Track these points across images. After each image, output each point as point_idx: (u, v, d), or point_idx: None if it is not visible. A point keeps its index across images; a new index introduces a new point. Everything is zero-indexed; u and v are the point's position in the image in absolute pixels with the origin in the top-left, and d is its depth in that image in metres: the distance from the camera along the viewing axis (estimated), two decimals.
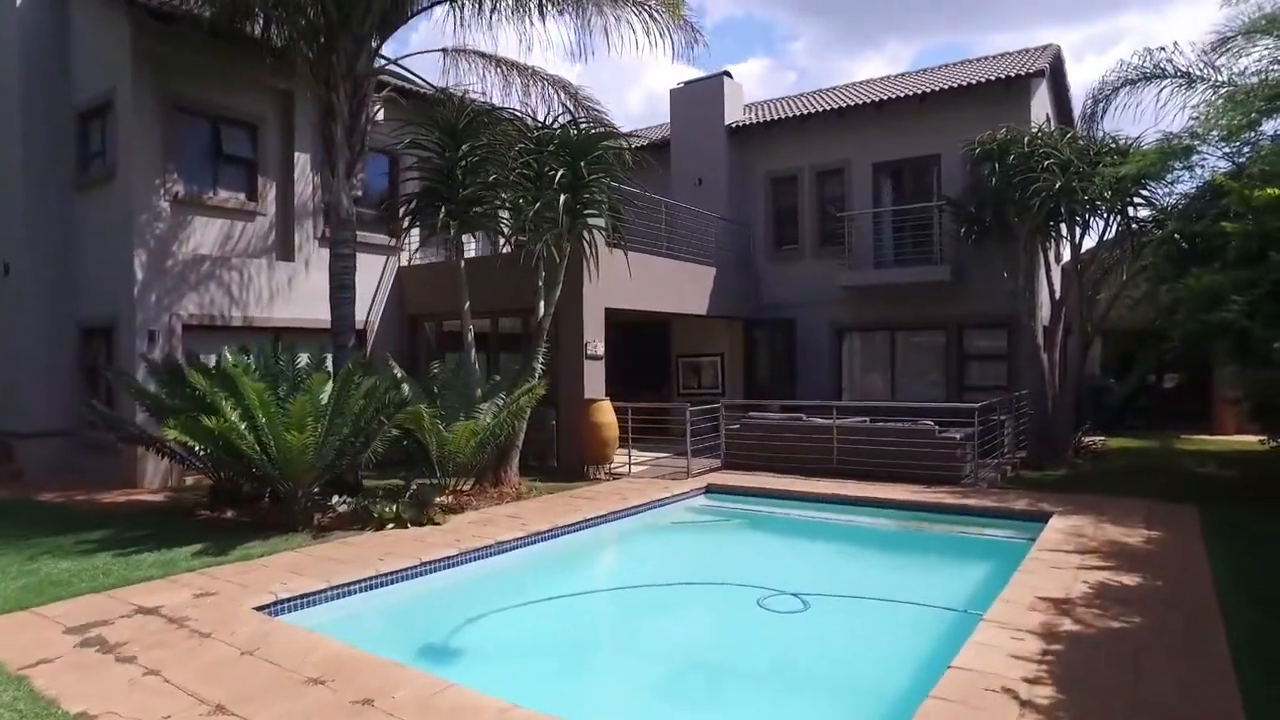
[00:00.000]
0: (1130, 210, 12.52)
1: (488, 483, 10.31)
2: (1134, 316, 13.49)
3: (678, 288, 14.20)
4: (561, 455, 12.34)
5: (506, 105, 11.55)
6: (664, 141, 17.79)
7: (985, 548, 8.15)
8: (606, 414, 11.49)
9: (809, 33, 57.04)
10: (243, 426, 7.85)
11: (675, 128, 17.58)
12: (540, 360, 10.51)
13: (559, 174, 9.56)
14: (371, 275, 14.20)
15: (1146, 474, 11.36)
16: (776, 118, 16.48)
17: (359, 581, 6.45)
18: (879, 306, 15.33)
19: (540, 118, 11.15)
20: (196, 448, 8.06)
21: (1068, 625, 4.92)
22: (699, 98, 17.21)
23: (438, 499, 8.99)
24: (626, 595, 6.78)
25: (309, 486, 8.47)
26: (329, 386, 8.61)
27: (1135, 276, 12.58)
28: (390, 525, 8.38)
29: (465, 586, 7.02)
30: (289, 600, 5.92)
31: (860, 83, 18.09)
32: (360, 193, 10.13)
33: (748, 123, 16.80)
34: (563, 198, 9.46)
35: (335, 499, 8.93)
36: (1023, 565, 6.34)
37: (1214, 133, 9.73)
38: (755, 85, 56.34)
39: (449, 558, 7.26)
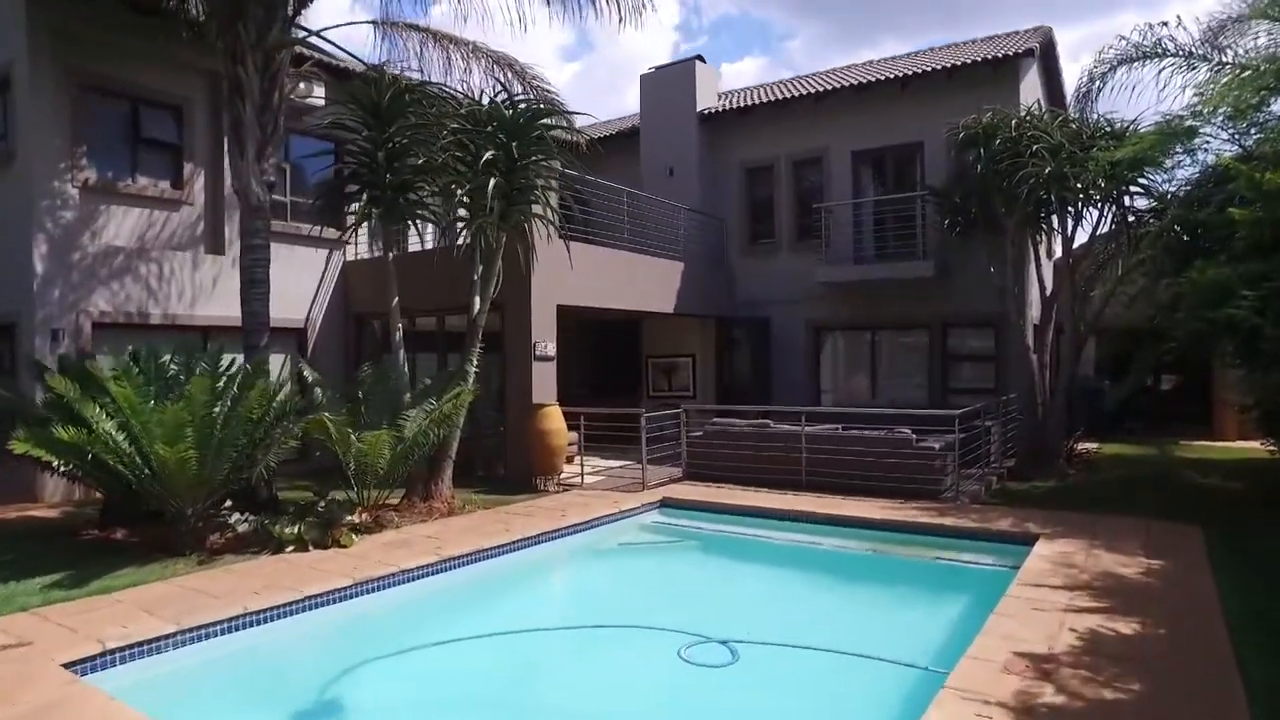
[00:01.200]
0: (1126, 199, 11.55)
1: (417, 496, 9.33)
2: (1130, 314, 12.53)
3: (641, 284, 13.23)
4: (509, 465, 11.37)
5: (447, 85, 10.55)
6: (634, 130, 16.83)
7: (961, 578, 7.15)
8: (554, 420, 10.51)
9: (806, 32, 56.17)
10: (121, 438, 6.89)
11: (645, 115, 16.60)
12: (475, 362, 9.52)
13: (487, 155, 8.56)
14: (314, 271, 13.27)
15: (1144, 486, 10.40)
16: (751, 104, 15.51)
17: (219, 623, 5.45)
18: (859, 304, 14.37)
19: (489, 99, 10.16)
20: (54, 463, 7.04)
21: (1049, 696, 3.94)
22: (670, 83, 16.24)
23: (349, 517, 7.99)
24: (532, 640, 5.70)
25: (201, 504, 7.48)
26: (229, 393, 7.67)
27: (1132, 271, 11.63)
28: (290, 548, 7.41)
29: (353, 626, 6.03)
30: (118, 651, 4.92)
31: (841, 68, 17.11)
32: (272, 178, 9.12)
33: (721, 109, 15.83)
34: (493, 181, 8.46)
35: (236, 517, 7.95)
36: (1000, 605, 5.36)
37: (1222, 109, 8.75)
38: (751, 84, 55.35)
39: (339, 590, 6.26)
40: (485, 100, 9.58)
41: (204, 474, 7.17)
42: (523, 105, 9.22)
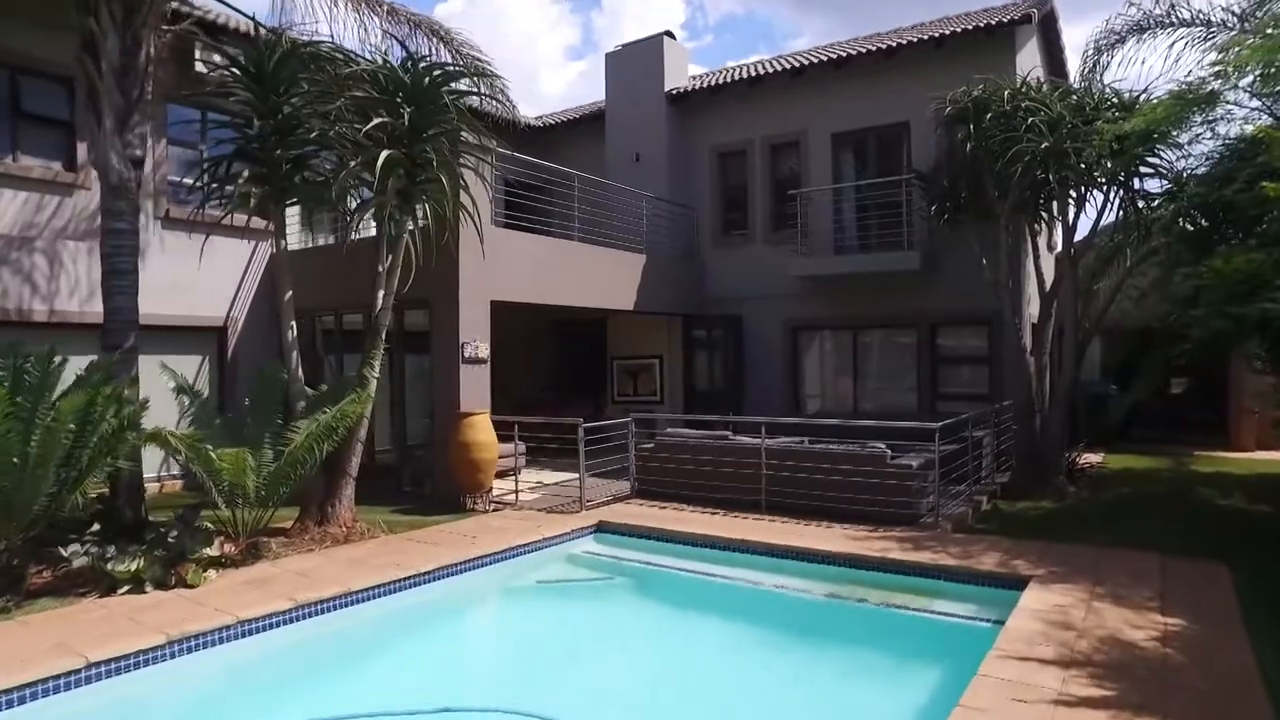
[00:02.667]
0: (1136, 181, 10.16)
1: (311, 519, 8.05)
2: (1140, 311, 11.18)
3: (594, 278, 11.92)
4: (438, 480, 10.08)
5: (362, 54, 9.27)
6: (600, 114, 15.52)
7: (927, 640, 5.76)
8: (481, 431, 9.20)
9: (810, 29, 54.95)
10: None
11: (611, 97, 15.26)
12: (375, 366, 8.24)
13: (375, 121, 7.27)
14: (236, 264, 11.98)
15: (1155, 508, 9.07)
16: (722, 82, 14.19)
17: None
18: (839, 300, 13.03)
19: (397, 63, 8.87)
20: None
21: None
22: (636, 61, 14.89)
23: (205, 549, 6.68)
24: None
25: (13, 536, 6.20)
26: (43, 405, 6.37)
27: (1142, 262, 10.24)
28: (125, 588, 6.15)
29: (136, 710, 4.72)
30: None
31: (821, 46, 15.74)
32: (138, 152, 7.84)
33: (691, 88, 14.51)
34: (384, 154, 7.17)
35: (73, 549, 6.66)
36: (970, 691, 4.02)
37: (1250, 69, 7.41)
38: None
39: (143, 653, 4.97)
40: (398, 64, 8.29)
41: (9, 502, 5.91)
42: (426, 67, 7.90)
